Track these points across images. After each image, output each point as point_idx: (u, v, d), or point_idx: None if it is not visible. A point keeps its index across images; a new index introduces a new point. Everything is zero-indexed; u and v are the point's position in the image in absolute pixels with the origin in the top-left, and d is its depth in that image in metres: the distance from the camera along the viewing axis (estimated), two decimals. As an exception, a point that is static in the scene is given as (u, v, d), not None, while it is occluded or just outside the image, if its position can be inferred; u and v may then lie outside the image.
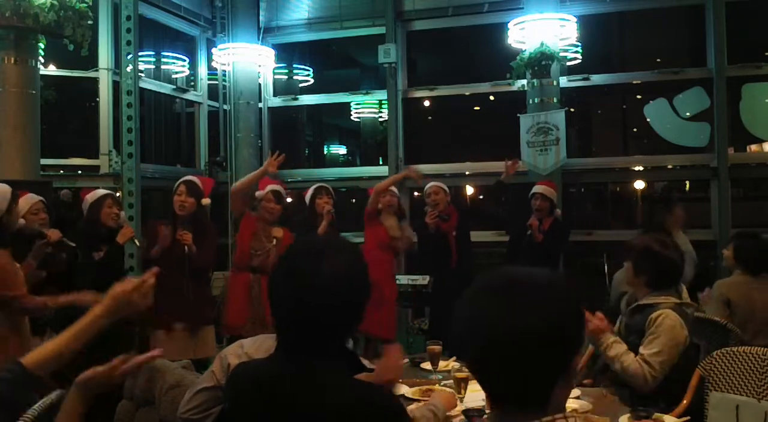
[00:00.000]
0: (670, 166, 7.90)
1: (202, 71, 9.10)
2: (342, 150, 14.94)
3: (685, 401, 2.84)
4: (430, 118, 9.57)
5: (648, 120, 7.84)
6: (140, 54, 7.76)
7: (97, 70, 7.35)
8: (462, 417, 2.49)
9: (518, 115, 7.19)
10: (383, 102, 9.28)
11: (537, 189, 5.54)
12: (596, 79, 7.89)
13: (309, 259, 1.49)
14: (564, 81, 7.57)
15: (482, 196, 9.30)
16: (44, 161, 6.10)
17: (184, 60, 8.86)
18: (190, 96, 8.95)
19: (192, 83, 9.11)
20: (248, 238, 4.67)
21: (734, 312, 3.95)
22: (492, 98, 8.78)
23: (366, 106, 10.84)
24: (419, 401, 2.66)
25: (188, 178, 4.58)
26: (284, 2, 8.98)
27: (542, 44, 6.89)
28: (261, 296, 4.51)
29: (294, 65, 9.70)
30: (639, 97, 8.35)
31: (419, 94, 8.58)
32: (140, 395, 2.77)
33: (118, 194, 7.11)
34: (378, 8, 8.38)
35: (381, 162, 9.39)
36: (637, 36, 8.81)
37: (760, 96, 7.55)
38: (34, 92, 5.52)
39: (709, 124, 7.44)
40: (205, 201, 4.55)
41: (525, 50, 7.04)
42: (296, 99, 9.31)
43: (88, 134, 7.50)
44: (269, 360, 1.56)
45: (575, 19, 7.16)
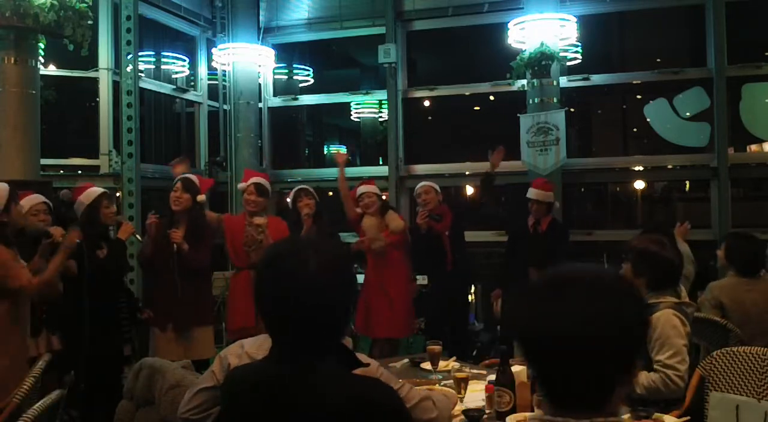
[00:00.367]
0: (670, 166, 7.90)
1: (202, 71, 9.10)
2: (342, 150, 14.92)
3: (686, 401, 2.84)
4: (430, 118, 9.57)
5: (648, 120, 7.84)
6: (140, 54, 7.76)
7: (97, 70, 7.35)
8: (462, 417, 2.49)
9: (518, 115, 7.19)
10: (383, 102, 9.28)
11: (532, 194, 5.47)
12: (596, 79, 7.89)
13: (293, 259, 1.49)
14: (564, 81, 7.57)
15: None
16: (44, 161, 6.09)
17: (184, 60, 8.85)
18: (190, 96, 8.95)
19: (192, 83, 9.11)
20: (239, 236, 4.65)
21: (728, 315, 3.92)
22: (492, 98, 8.78)
23: (366, 106, 10.84)
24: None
25: (185, 175, 4.57)
26: (284, 2, 8.98)
27: (542, 44, 6.89)
28: None
29: (294, 65, 9.70)
30: (639, 97, 8.34)
31: (419, 94, 8.58)
32: (140, 395, 2.77)
33: (118, 194, 7.13)
34: (378, 8, 8.38)
35: (381, 162, 9.39)
36: (637, 36, 8.81)
37: (760, 96, 7.55)
38: (34, 92, 5.51)
39: (709, 124, 7.44)
40: (201, 197, 4.52)
41: (525, 50, 7.04)
42: (296, 99, 9.31)
43: (88, 134, 7.50)
44: (265, 361, 1.56)
45: (575, 19, 7.16)
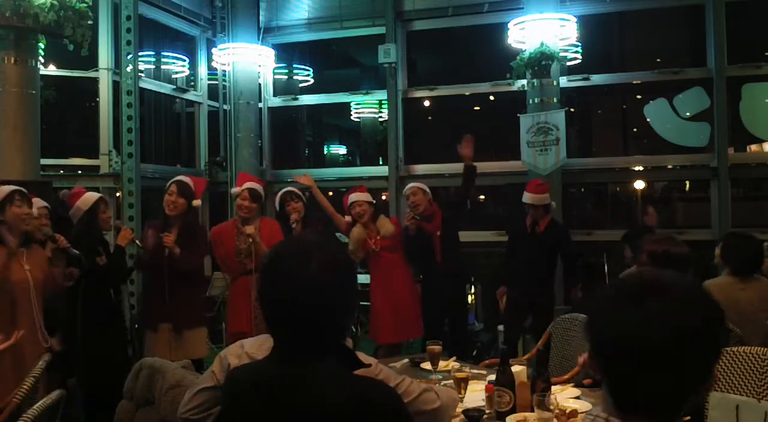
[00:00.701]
0: (670, 166, 7.90)
1: (202, 71, 9.10)
2: (342, 150, 14.94)
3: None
4: (430, 118, 9.58)
5: (648, 120, 7.84)
6: (140, 54, 7.76)
7: (97, 70, 7.35)
8: (462, 417, 2.49)
9: (518, 115, 7.19)
10: (383, 102, 9.29)
11: (528, 199, 5.43)
12: (596, 79, 7.89)
13: (296, 259, 1.49)
14: (564, 81, 7.57)
15: (482, 196, 9.32)
16: (44, 161, 6.09)
17: (184, 60, 8.86)
18: (190, 96, 8.95)
19: (192, 83, 9.11)
20: (229, 245, 4.61)
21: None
22: (492, 98, 8.78)
23: (366, 106, 10.84)
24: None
25: (180, 178, 4.50)
26: (284, 2, 8.99)
27: (542, 44, 6.90)
28: None
29: (294, 65, 9.70)
30: (639, 97, 8.35)
31: (419, 94, 8.58)
32: (140, 395, 2.77)
33: (118, 194, 7.13)
34: (378, 8, 8.38)
35: (381, 162, 9.40)
36: (637, 36, 8.81)
37: (760, 96, 7.55)
38: (34, 92, 5.51)
39: (709, 124, 7.44)
40: (196, 202, 4.47)
41: (525, 50, 7.04)
42: (296, 99, 9.31)
43: (88, 134, 7.50)
44: (266, 361, 1.56)
45: (575, 19, 7.16)
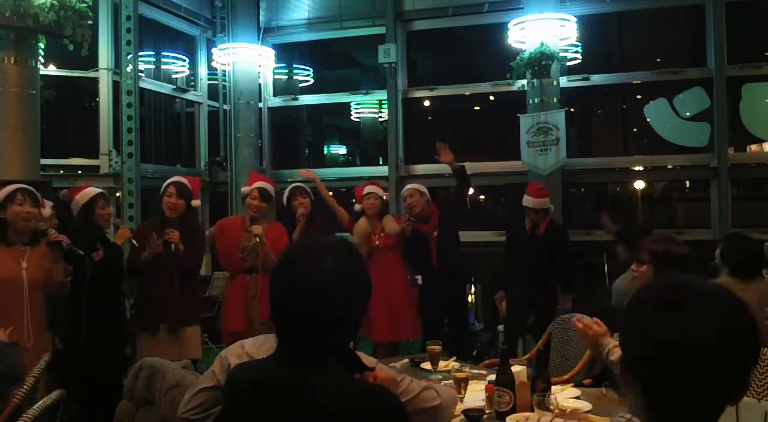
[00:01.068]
0: (670, 166, 7.90)
1: (202, 71, 9.10)
2: (342, 150, 14.93)
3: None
4: (430, 118, 9.58)
5: (648, 120, 7.85)
6: (140, 54, 7.76)
7: (97, 70, 7.35)
8: (462, 417, 2.49)
9: (518, 115, 7.19)
10: (383, 102, 9.29)
11: (528, 203, 5.40)
12: (596, 79, 7.90)
13: (306, 260, 1.49)
14: (564, 81, 7.57)
15: (482, 196, 9.32)
16: (44, 161, 6.09)
17: (184, 60, 8.86)
18: (190, 96, 8.96)
19: (192, 83, 9.11)
20: (233, 241, 4.62)
21: None
22: (492, 98, 8.79)
23: (366, 106, 10.84)
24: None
25: (177, 179, 4.47)
26: (284, 2, 8.99)
27: (542, 44, 6.90)
28: (257, 296, 4.49)
29: (294, 65, 9.70)
30: (639, 97, 8.35)
31: (419, 94, 8.59)
32: (140, 395, 2.77)
33: (118, 194, 7.13)
34: (378, 8, 8.38)
35: (381, 162, 9.40)
36: (637, 36, 8.82)
37: (760, 96, 7.56)
38: (34, 92, 5.51)
39: (709, 124, 7.45)
40: (196, 202, 4.47)
41: (525, 50, 7.04)
42: (296, 99, 9.32)
43: (88, 134, 7.51)
44: (268, 360, 1.56)
45: (575, 19, 7.17)
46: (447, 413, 2.00)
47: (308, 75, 9.80)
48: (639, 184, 8.33)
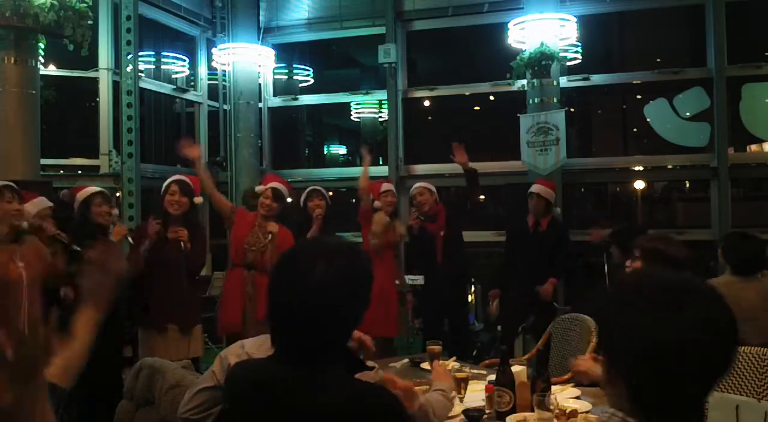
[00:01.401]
0: (670, 166, 7.90)
1: (202, 71, 9.10)
2: (342, 150, 14.92)
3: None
4: (430, 118, 9.57)
5: (648, 120, 7.85)
6: (140, 54, 7.76)
7: (97, 70, 7.35)
8: (462, 417, 2.49)
9: (518, 115, 7.19)
10: (383, 102, 9.28)
11: (534, 188, 5.43)
12: (596, 79, 7.90)
13: (306, 261, 1.49)
14: (564, 81, 7.57)
15: (482, 196, 9.31)
16: (44, 161, 6.10)
17: (184, 60, 8.86)
18: (190, 96, 8.96)
19: (192, 83, 9.11)
20: (244, 234, 4.66)
21: None
22: (492, 98, 8.78)
23: (366, 106, 10.83)
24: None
25: (179, 178, 4.49)
26: (284, 2, 8.99)
27: (542, 44, 6.90)
28: (255, 294, 4.50)
29: (294, 65, 9.70)
30: (639, 97, 8.35)
31: (419, 94, 8.59)
32: (140, 395, 2.77)
33: (118, 194, 7.12)
34: (378, 8, 8.39)
35: (381, 162, 9.39)
36: (637, 36, 8.81)
37: (760, 96, 7.56)
38: (34, 92, 5.52)
39: (709, 124, 7.45)
40: (198, 200, 4.48)
41: (525, 50, 7.04)
42: (296, 99, 9.32)
43: (88, 134, 7.51)
44: (268, 360, 1.56)
45: (575, 19, 7.17)
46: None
47: (308, 75, 9.80)
48: (639, 184, 8.33)
